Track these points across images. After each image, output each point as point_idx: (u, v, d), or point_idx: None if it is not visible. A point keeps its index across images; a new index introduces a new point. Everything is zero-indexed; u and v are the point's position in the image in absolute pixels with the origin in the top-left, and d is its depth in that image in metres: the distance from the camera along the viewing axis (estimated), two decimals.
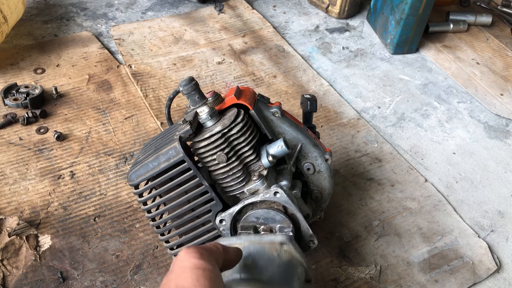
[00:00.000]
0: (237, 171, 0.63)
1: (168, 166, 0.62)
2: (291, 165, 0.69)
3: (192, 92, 0.63)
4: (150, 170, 0.63)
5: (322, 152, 0.70)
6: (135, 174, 0.64)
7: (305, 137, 0.69)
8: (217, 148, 0.62)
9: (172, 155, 0.61)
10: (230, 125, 0.62)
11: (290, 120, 0.70)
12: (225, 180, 0.64)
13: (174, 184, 0.63)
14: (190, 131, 0.62)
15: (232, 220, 0.63)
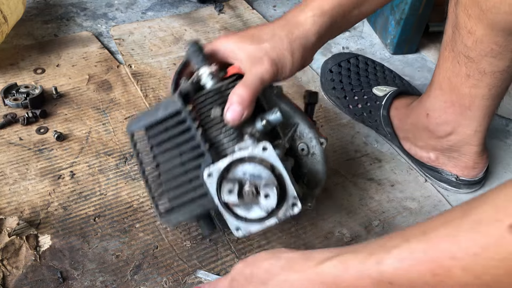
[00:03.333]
0: (230, 127, 0.64)
1: (165, 115, 0.63)
2: (285, 141, 0.69)
3: (196, 52, 0.65)
4: (148, 119, 0.65)
5: (318, 136, 0.70)
6: (134, 122, 0.67)
7: (302, 118, 0.70)
8: (213, 103, 0.64)
9: (170, 106, 0.63)
10: (228, 85, 0.64)
11: (289, 100, 0.71)
12: (218, 137, 0.64)
13: (168, 136, 0.65)
14: (190, 87, 0.64)
15: (220, 177, 0.61)
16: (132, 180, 0.87)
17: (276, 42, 0.66)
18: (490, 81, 0.77)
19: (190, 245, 0.77)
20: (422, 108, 0.89)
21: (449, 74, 0.81)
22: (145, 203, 0.83)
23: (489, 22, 0.70)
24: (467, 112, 0.82)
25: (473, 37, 0.74)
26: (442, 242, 0.42)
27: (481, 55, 0.75)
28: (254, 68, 0.64)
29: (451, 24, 0.78)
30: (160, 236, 0.78)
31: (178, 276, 0.73)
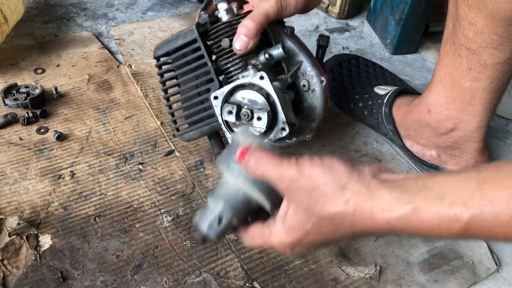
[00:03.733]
0: (236, 57, 0.74)
1: (184, 42, 0.76)
2: (288, 76, 0.76)
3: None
4: (170, 45, 0.78)
5: (320, 74, 0.77)
6: (159, 48, 0.80)
7: (306, 57, 0.76)
8: (224, 34, 0.73)
9: (188, 35, 0.76)
10: (238, 19, 0.73)
11: (297, 40, 0.77)
12: (226, 65, 0.75)
13: (185, 61, 0.78)
14: (207, 19, 0.74)
15: (224, 99, 0.73)
16: (132, 180, 0.87)
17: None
18: (492, 73, 0.78)
19: (190, 245, 0.77)
20: (424, 104, 0.89)
21: (450, 69, 0.82)
22: (145, 203, 0.83)
23: (489, 12, 0.71)
24: (469, 107, 0.82)
25: (474, 28, 0.74)
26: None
27: (482, 47, 0.75)
28: (261, 4, 0.72)
29: (451, 17, 0.79)
30: (160, 236, 0.78)
31: (178, 276, 0.73)
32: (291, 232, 0.54)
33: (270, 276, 0.75)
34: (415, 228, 0.46)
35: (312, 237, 0.53)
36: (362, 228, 0.50)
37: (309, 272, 0.76)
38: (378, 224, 0.48)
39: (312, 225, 0.52)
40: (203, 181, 0.88)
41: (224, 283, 0.73)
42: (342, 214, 0.50)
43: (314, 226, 0.52)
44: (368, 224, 0.49)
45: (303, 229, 0.53)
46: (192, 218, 0.75)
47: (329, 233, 0.52)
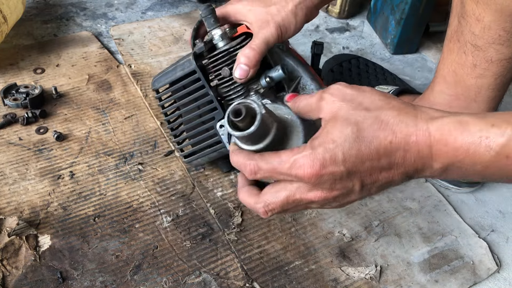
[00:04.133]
0: (238, 85, 0.73)
1: (183, 74, 0.77)
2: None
3: (208, 16, 0.73)
4: (169, 77, 0.79)
5: (319, 87, 0.76)
6: (157, 80, 0.81)
7: (305, 71, 0.76)
8: (223, 63, 0.73)
9: (186, 66, 0.76)
10: (236, 46, 0.72)
11: (293, 55, 0.77)
12: (228, 93, 0.74)
13: (186, 92, 0.78)
14: (203, 48, 0.74)
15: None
16: (131, 180, 0.86)
17: (282, 5, 0.70)
18: (497, 70, 0.78)
19: (190, 245, 0.77)
20: (426, 103, 0.89)
21: (454, 66, 0.82)
22: (144, 203, 0.83)
23: (498, 8, 0.71)
24: (473, 104, 0.82)
25: (481, 24, 0.74)
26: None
27: (488, 43, 0.75)
28: (261, 32, 0.69)
29: (457, 14, 0.79)
30: (160, 236, 0.78)
31: (178, 276, 0.73)
32: (326, 144, 0.47)
33: (270, 277, 0.74)
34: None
35: (349, 158, 0.47)
36: (445, 163, 0.46)
37: (309, 272, 0.76)
38: (481, 159, 0.44)
39: (358, 145, 0.46)
40: (203, 181, 0.88)
41: (224, 283, 0.73)
42: (410, 142, 0.46)
43: (359, 145, 0.46)
44: (459, 159, 0.45)
45: (340, 144, 0.47)
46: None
47: (375, 162, 0.47)
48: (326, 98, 0.51)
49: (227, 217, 0.82)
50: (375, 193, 0.51)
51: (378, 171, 0.48)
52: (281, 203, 0.51)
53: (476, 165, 0.45)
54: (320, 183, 0.48)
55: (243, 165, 0.51)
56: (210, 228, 0.80)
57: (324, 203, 0.51)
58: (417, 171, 0.48)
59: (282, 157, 0.49)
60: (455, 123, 0.45)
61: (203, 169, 0.90)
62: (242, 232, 0.80)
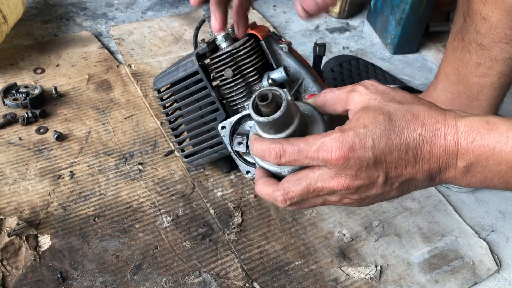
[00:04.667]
0: (240, 87, 0.74)
1: (185, 75, 0.76)
2: (291, 94, 0.75)
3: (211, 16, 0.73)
4: (171, 77, 0.78)
5: (321, 89, 0.76)
6: (159, 80, 0.81)
7: (307, 73, 0.76)
8: (226, 65, 0.73)
9: (189, 67, 0.75)
10: (239, 47, 0.73)
11: (296, 56, 0.77)
12: (230, 94, 0.75)
13: (188, 92, 0.78)
14: (206, 49, 0.74)
15: (231, 129, 0.73)
16: (131, 180, 0.86)
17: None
18: (501, 69, 0.78)
19: (190, 245, 0.77)
20: (428, 100, 0.89)
21: (457, 65, 0.82)
22: (144, 203, 0.83)
23: (506, 7, 0.71)
24: (475, 102, 0.83)
25: (488, 23, 0.74)
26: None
27: (494, 42, 0.75)
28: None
29: (462, 13, 0.79)
30: (160, 236, 0.78)
31: (178, 276, 0.73)
32: (357, 128, 0.47)
33: (270, 277, 0.74)
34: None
35: (378, 145, 0.46)
36: (469, 162, 0.46)
37: (309, 272, 0.76)
38: (507, 159, 0.44)
39: (388, 133, 0.46)
40: (203, 181, 0.88)
41: (224, 283, 0.73)
42: (440, 140, 0.46)
43: (391, 136, 0.46)
44: (484, 159, 0.45)
45: (371, 130, 0.46)
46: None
47: (402, 154, 0.46)
48: (359, 89, 0.51)
49: (227, 217, 0.82)
50: (396, 191, 0.50)
51: (404, 164, 0.47)
52: (301, 191, 0.50)
53: (501, 165, 0.45)
54: (346, 168, 0.47)
55: (268, 149, 0.50)
56: (210, 228, 0.80)
57: (346, 194, 0.50)
58: (440, 170, 0.48)
59: (309, 139, 0.48)
60: (483, 121, 0.46)
61: (203, 169, 0.90)
62: (242, 232, 0.80)
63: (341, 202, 0.52)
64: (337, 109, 0.53)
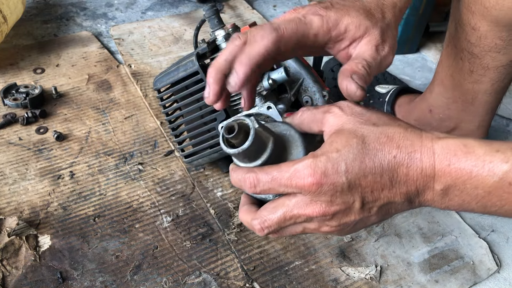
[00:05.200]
0: None
1: (185, 75, 0.76)
2: (291, 94, 0.76)
3: (212, 16, 0.73)
4: (171, 77, 0.78)
5: (321, 89, 0.76)
6: (159, 80, 0.81)
7: (307, 73, 0.76)
8: None
9: (189, 67, 0.75)
10: None
11: (296, 57, 0.77)
12: (230, 94, 0.71)
13: (189, 92, 0.78)
14: (206, 49, 0.74)
15: None
16: (131, 180, 0.86)
17: None
18: (493, 76, 0.77)
19: (190, 245, 0.77)
20: (425, 104, 0.89)
21: (451, 71, 0.81)
22: (144, 203, 0.83)
23: (493, 19, 0.70)
24: (470, 107, 0.82)
25: (477, 33, 0.74)
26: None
27: (485, 51, 0.75)
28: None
29: (454, 21, 0.79)
30: (160, 236, 0.78)
31: (178, 276, 0.73)
32: (329, 153, 0.46)
33: (270, 277, 0.74)
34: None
35: (352, 169, 0.45)
36: (445, 186, 0.45)
37: (309, 272, 0.75)
38: (484, 183, 0.43)
39: (362, 157, 0.45)
40: (203, 181, 0.88)
41: (224, 283, 0.73)
42: (415, 163, 0.45)
43: (364, 159, 0.45)
44: (460, 184, 0.44)
45: (344, 154, 0.45)
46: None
47: (378, 178, 0.45)
48: (334, 111, 0.50)
49: (227, 217, 0.82)
50: (376, 216, 0.49)
51: (380, 188, 0.47)
52: (277, 219, 0.49)
53: (478, 189, 0.44)
54: (320, 194, 0.46)
55: (243, 179, 0.50)
56: (210, 228, 0.80)
57: (323, 221, 0.49)
58: (418, 192, 0.47)
59: (282, 167, 0.48)
60: (460, 144, 0.45)
61: (203, 169, 0.90)
62: (242, 232, 0.80)
63: (320, 229, 0.50)
64: (314, 129, 0.52)
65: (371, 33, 0.54)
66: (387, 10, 0.56)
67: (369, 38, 0.54)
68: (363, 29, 0.53)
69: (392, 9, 0.57)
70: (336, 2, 0.55)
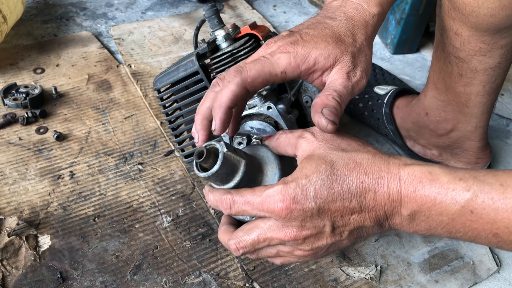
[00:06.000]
0: None
1: (185, 75, 0.76)
2: (291, 94, 0.76)
3: (212, 16, 0.73)
4: (171, 77, 0.78)
5: (321, 90, 0.75)
6: (159, 80, 0.81)
7: None
8: (226, 65, 0.73)
9: (189, 67, 0.75)
10: (239, 47, 0.73)
11: None
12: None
13: (189, 92, 0.78)
14: (206, 49, 0.74)
15: None
16: (131, 180, 0.86)
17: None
18: (483, 78, 0.77)
19: (190, 245, 0.77)
20: (421, 107, 0.89)
21: (443, 74, 0.82)
22: (144, 203, 0.83)
23: (472, 25, 0.70)
24: (465, 109, 0.82)
25: (460, 38, 0.74)
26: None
27: (470, 55, 0.75)
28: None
29: (438, 27, 0.79)
30: (160, 236, 0.78)
31: (178, 276, 0.73)
32: (299, 180, 0.47)
33: (270, 277, 0.74)
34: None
35: (320, 195, 0.47)
36: (412, 211, 0.46)
37: (309, 272, 0.75)
38: (447, 210, 0.45)
39: (330, 182, 0.47)
40: (203, 181, 0.88)
41: (224, 283, 0.73)
42: (382, 187, 0.46)
43: (333, 185, 0.47)
44: (425, 210, 0.46)
45: (313, 180, 0.47)
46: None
47: (346, 203, 0.47)
48: (306, 136, 0.52)
49: None
50: (348, 240, 0.51)
51: (349, 212, 0.48)
52: (252, 241, 0.51)
53: (442, 216, 0.46)
54: (290, 219, 0.48)
55: (220, 200, 0.51)
56: (210, 228, 0.80)
57: (295, 245, 0.50)
58: (387, 217, 0.48)
59: (256, 191, 0.50)
60: (426, 172, 0.46)
61: None
62: None
63: (294, 253, 0.52)
64: (289, 152, 0.54)
65: (342, 61, 0.55)
66: (358, 31, 0.57)
67: (340, 66, 0.55)
68: (332, 58, 0.55)
69: (363, 29, 0.58)
70: (305, 32, 0.56)
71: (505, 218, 0.43)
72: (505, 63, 0.76)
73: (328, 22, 0.57)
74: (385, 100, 0.96)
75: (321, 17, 0.59)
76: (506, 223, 0.43)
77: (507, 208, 0.43)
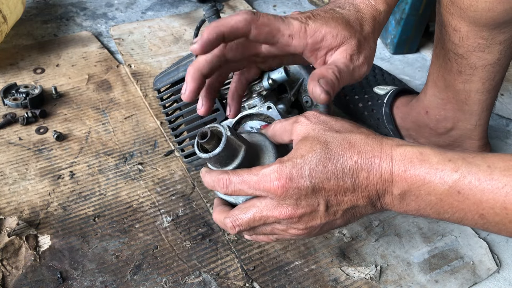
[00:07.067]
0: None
1: (185, 75, 0.73)
2: (291, 94, 0.76)
3: (212, 16, 0.72)
4: (171, 77, 0.78)
5: None
6: (159, 80, 0.81)
7: (307, 73, 0.76)
8: None
9: (189, 66, 0.72)
10: None
11: None
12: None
13: None
14: None
15: (232, 129, 0.73)
16: (131, 180, 0.86)
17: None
18: (483, 75, 0.77)
19: (190, 245, 0.77)
20: (421, 106, 0.89)
21: (442, 72, 0.82)
22: (144, 203, 0.83)
23: (470, 20, 0.71)
24: (465, 107, 0.83)
25: (459, 34, 0.74)
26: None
27: (469, 51, 0.75)
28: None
29: (438, 23, 0.79)
30: (160, 236, 0.78)
31: (178, 276, 0.73)
32: (294, 159, 0.49)
33: (270, 277, 0.74)
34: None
35: (315, 173, 0.48)
36: (402, 191, 0.47)
37: (309, 272, 0.76)
38: (436, 190, 0.46)
39: (324, 161, 0.48)
40: (203, 182, 0.88)
41: (224, 283, 0.73)
42: (374, 167, 0.47)
43: (327, 163, 0.48)
44: (414, 190, 0.47)
45: (308, 159, 0.48)
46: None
47: (340, 181, 0.48)
48: (301, 120, 0.53)
49: None
50: (341, 220, 0.52)
51: (343, 191, 0.49)
52: (248, 219, 0.52)
53: (431, 196, 0.46)
54: (286, 197, 0.49)
55: (217, 180, 0.52)
56: (210, 228, 0.80)
57: (290, 224, 0.51)
58: (379, 196, 0.49)
59: (252, 171, 0.51)
60: (417, 152, 0.47)
61: None
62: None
63: (288, 232, 0.53)
64: (285, 139, 0.55)
65: (348, 43, 0.56)
66: (365, 23, 0.59)
67: (345, 47, 0.56)
68: (340, 39, 0.56)
69: (371, 22, 0.59)
70: (317, 13, 0.57)
71: (491, 199, 0.44)
72: (504, 59, 0.76)
73: (338, 10, 0.58)
74: (385, 100, 0.96)
75: (331, 6, 0.60)
76: (492, 204, 0.44)
77: (493, 189, 0.43)
